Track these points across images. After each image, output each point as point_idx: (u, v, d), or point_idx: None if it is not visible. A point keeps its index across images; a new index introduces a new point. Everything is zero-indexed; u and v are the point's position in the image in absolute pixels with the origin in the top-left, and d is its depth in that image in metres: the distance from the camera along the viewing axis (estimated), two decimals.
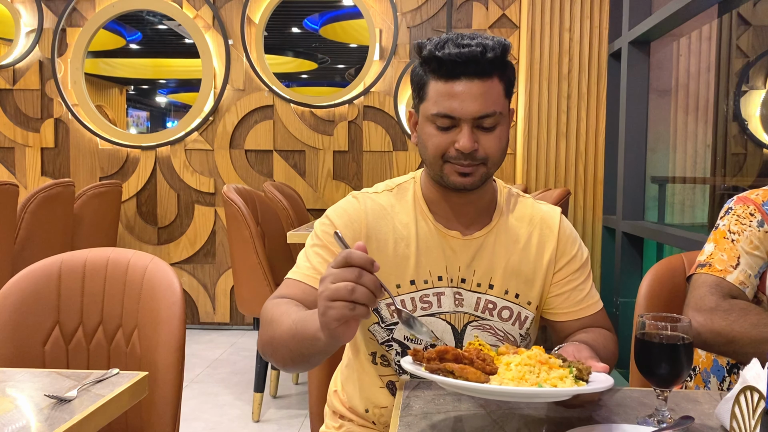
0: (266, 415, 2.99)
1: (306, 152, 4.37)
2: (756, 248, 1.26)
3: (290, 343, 1.02)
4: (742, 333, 1.15)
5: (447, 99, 1.12)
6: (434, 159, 1.16)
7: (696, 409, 1.06)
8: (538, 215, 1.27)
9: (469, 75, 1.11)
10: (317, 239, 1.22)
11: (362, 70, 4.29)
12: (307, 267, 1.19)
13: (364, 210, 1.22)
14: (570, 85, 3.96)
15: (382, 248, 1.21)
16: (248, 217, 2.83)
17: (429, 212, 1.23)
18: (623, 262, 3.48)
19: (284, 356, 1.05)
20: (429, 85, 1.14)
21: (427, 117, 1.15)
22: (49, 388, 1.05)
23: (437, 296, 1.21)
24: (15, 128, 4.41)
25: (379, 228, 1.22)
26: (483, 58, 1.10)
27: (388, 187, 1.28)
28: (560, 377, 0.91)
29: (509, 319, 1.23)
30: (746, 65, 3.64)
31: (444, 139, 1.14)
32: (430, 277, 1.21)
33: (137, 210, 4.45)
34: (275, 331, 1.06)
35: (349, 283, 0.85)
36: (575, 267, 1.26)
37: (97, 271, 1.50)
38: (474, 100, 1.11)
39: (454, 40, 1.12)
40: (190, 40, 4.40)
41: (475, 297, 1.22)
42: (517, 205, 1.28)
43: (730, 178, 3.60)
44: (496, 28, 4.20)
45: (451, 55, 1.10)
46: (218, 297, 4.45)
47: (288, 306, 1.09)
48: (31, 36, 4.35)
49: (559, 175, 4.00)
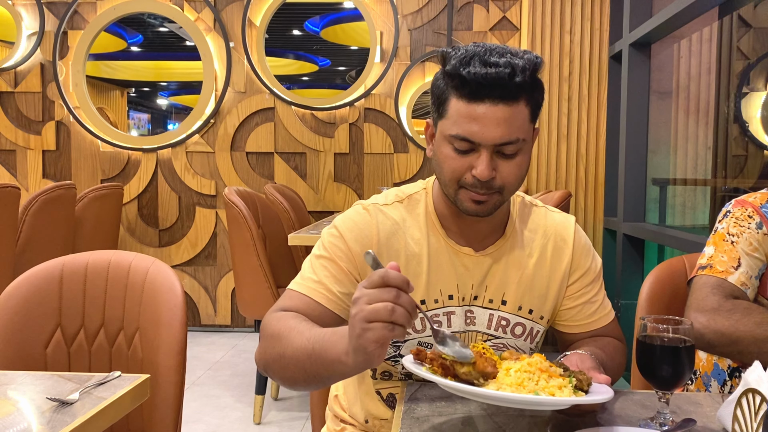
0: (267, 417, 2.99)
1: (307, 154, 4.37)
2: (755, 250, 1.26)
3: (305, 363, 0.98)
4: (746, 332, 1.15)
5: (468, 121, 1.04)
6: (450, 182, 1.10)
7: (698, 411, 1.05)
8: (552, 226, 1.23)
9: (494, 98, 1.03)
10: (324, 251, 1.16)
11: (363, 72, 4.29)
12: (312, 280, 1.14)
13: (376, 225, 1.16)
14: (571, 87, 3.96)
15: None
16: (249, 219, 2.83)
17: (441, 227, 1.18)
18: (624, 264, 3.48)
19: (295, 376, 1.01)
20: (450, 101, 1.07)
21: (445, 136, 1.08)
22: (50, 391, 1.05)
23: (447, 315, 1.17)
24: (16, 131, 4.42)
25: (390, 245, 1.16)
26: (510, 82, 1.02)
27: (399, 198, 1.21)
28: (559, 386, 0.91)
29: (522, 335, 1.20)
30: (747, 67, 3.64)
31: (461, 163, 1.07)
32: (441, 296, 1.17)
33: (138, 212, 4.45)
34: (285, 349, 1.01)
35: (388, 303, 0.83)
36: (589, 280, 1.24)
37: (99, 274, 1.50)
38: (497, 125, 1.04)
39: (482, 55, 1.03)
40: (191, 43, 4.40)
41: (488, 314, 1.18)
42: (530, 216, 1.24)
43: (731, 180, 3.60)
44: (496, 30, 4.20)
45: (476, 75, 1.02)
46: (219, 299, 4.46)
47: (297, 321, 1.04)
48: (32, 39, 4.36)
49: (560, 177, 4.00)
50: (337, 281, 1.13)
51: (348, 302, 1.11)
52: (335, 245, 1.16)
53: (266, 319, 1.10)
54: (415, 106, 4.37)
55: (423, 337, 1.16)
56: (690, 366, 1.00)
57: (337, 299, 1.12)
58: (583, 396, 0.92)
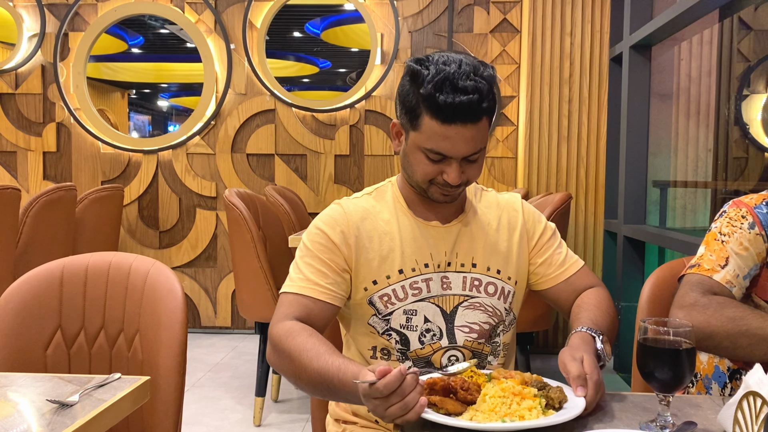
0: (267, 419, 2.99)
1: (307, 156, 4.37)
2: (746, 249, 1.27)
3: (321, 389, 1.11)
4: (718, 327, 1.18)
5: (441, 139, 1.19)
6: (422, 182, 1.26)
7: (698, 414, 1.05)
8: (503, 201, 1.41)
9: (464, 121, 1.17)
10: (306, 249, 1.29)
11: (364, 74, 4.29)
12: (300, 278, 1.26)
13: (348, 212, 1.31)
14: (571, 90, 3.96)
15: (368, 245, 1.29)
16: (250, 221, 2.83)
17: (408, 209, 1.33)
18: (625, 267, 3.48)
19: (311, 391, 1.17)
20: (423, 119, 1.20)
21: (419, 147, 1.22)
22: (50, 393, 1.05)
23: (426, 282, 1.29)
24: (17, 132, 4.42)
25: (364, 227, 1.30)
26: (478, 107, 1.17)
27: (367, 192, 1.38)
28: (529, 408, 0.98)
29: (495, 294, 1.33)
30: (747, 69, 3.64)
31: (434, 169, 1.23)
32: (417, 265, 1.29)
33: (139, 214, 4.45)
34: (299, 373, 1.13)
35: (400, 406, 0.95)
36: (547, 236, 1.39)
37: (99, 276, 1.50)
38: (466, 142, 1.19)
39: (452, 80, 1.16)
40: (192, 44, 4.41)
41: (461, 276, 1.31)
42: (483, 197, 1.41)
43: (732, 182, 3.60)
44: (497, 32, 4.21)
45: (450, 105, 1.16)
46: (219, 301, 4.45)
47: (304, 339, 1.15)
48: (33, 40, 4.36)
49: (561, 180, 4.00)
50: (322, 275, 1.26)
51: (337, 290, 1.26)
52: (315, 241, 1.28)
53: (275, 331, 1.20)
54: None
55: (407, 305, 1.28)
56: (691, 369, 0.99)
57: (327, 290, 1.25)
58: (550, 415, 0.99)
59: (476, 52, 4.22)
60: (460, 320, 1.29)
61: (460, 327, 1.29)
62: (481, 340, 1.30)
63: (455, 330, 1.29)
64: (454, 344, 1.29)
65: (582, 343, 1.17)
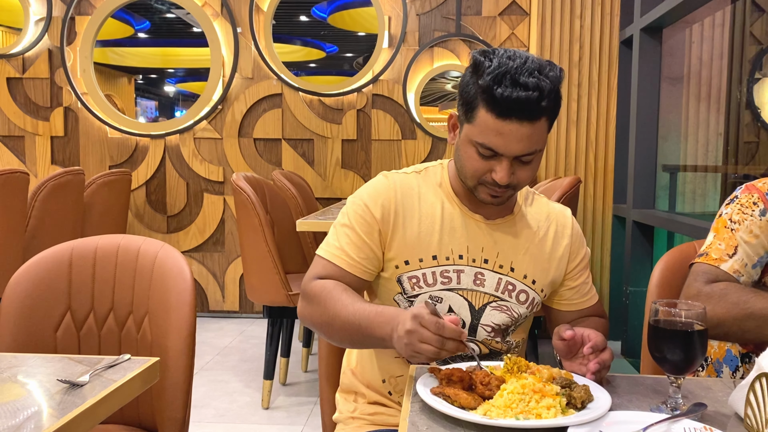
0: (276, 402, 3.01)
1: (315, 141, 4.36)
2: (756, 237, 1.26)
3: (353, 335, 1.17)
4: (724, 313, 1.18)
5: (494, 135, 1.15)
6: (470, 179, 1.23)
7: (709, 396, 1.05)
8: (553, 213, 1.37)
9: (521, 118, 1.12)
10: (347, 219, 1.29)
11: (371, 58, 4.27)
12: (336, 247, 1.27)
13: (394, 187, 1.29)
14: (581, 73, 3.92)
15: (408, 223, 1.28)
16: (257, 205, 2.83)
17: (455, 196, 1.30)
18: (633, 251, 3.46)
19: (342, 341, 1.24)
20: (478, 111, 1.15)
21: (471, 140, 1.18)
22: (61, 373, 1.05)
23: (457, 273, 1.27)
24: (25, 117, 4.43)
25: (406, 204, 1.28)
26: (537, 105, 1.12)
27: (417, 170, 1.34)
28: (548, 406, 0.93)
29: (525, 303, 1.31)
30: (760, 52, 3.59)
31: (483, 165, 1.19)
32: (452, 255, 1.27)
33: (147, 198, 4.46)
34: (332, 319, 1.18)
35: (434, 347, 1.01)
36: (584, 265, 1.38)
37: (108, 258, 1.50)
38: (519, 141, 1.14)
39: (513, 74, 1.11)
40: (199, 29, 4.39)
41: (497, 277, 1.29)
42: (534, 202, 1.37)
43: (743, 166, 3.56)
44: (506, 15, 4.17)
45: (507, 98, 1.11)
46: (227, 285, 4.47)
47: (338, 292, 1.20)
48: (40, 24, 4.36)
49: (570, 163, 3.98)
50: (356, 248, 1.26)
51: (368, 266, 1.27)
52: (357, 213, 1.28)
53: (309, 286, 1.25)
54: (423, 93, 4.34)
55: (434, 291, 1.27)
56: (702, 351, 0.99)
57: (358, 264, 1.26)
58: (570, 415, 0.94)
59: (485, 35, 4.18)
60: (487, 319, 1.29)
61: (484, 325, 1.29)
62: (498, 339, 1.32)
63: (479, 327, 1.29)
64: (473, 338, 1.30)
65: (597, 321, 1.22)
